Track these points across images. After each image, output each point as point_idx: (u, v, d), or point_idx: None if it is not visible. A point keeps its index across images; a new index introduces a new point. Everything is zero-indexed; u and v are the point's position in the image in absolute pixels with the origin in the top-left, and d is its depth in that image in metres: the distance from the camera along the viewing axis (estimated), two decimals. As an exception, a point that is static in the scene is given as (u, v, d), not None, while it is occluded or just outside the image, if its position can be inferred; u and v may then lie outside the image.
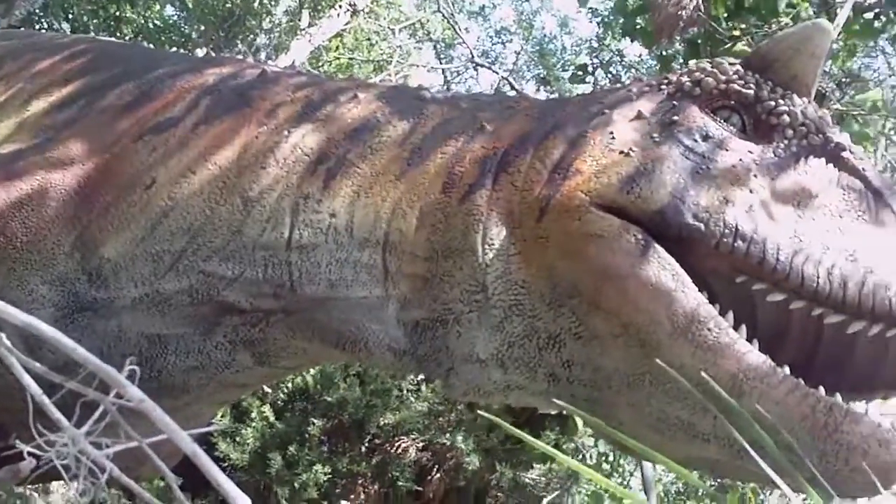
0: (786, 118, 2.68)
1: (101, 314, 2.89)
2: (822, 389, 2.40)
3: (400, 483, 6.98)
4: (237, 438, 6.66)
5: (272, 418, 6.81)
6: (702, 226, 2.48)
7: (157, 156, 2.95)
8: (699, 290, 2.50)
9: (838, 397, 2.40)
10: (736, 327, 2.47)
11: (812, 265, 2.42)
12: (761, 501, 7.60)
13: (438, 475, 7.34)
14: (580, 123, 2.77)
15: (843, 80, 8.99)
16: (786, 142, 2.67)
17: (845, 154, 2.68)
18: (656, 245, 2.49)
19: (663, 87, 2.85)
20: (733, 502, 2.32)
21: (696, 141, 2.63)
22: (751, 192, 2.53)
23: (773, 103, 2.69)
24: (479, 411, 5.62)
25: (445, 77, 16.87)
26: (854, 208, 2.58)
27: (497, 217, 2.67)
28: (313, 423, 6.81)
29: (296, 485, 6.52)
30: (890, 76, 10.22)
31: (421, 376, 3.24)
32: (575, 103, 2.96)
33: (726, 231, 2.46)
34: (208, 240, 2.86)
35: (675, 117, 2.68)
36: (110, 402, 1.48)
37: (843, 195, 2.61)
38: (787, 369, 2.43)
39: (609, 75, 11.12)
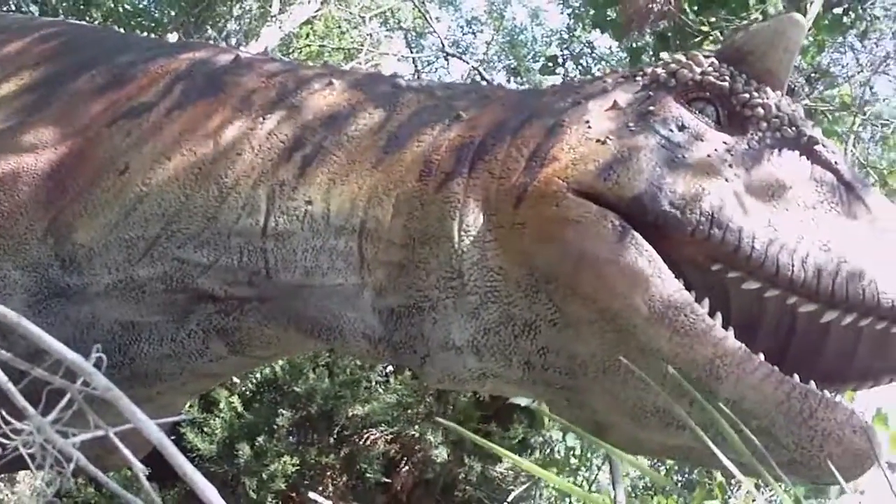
0: (760, 110, 2.70)
1: (74, 300, 2.86)
2: (796, 377, 2.42)
3: (368, 475, 6.97)
4: (205, 429, 6.63)
5: (240, 409, 6.79)
6: (678, 213, 2.49)
7: (131, 141, 2.92)
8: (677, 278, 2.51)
9: (813, 385, 2.42)
10: (711, 314, 2.47)
11: (787, 254, 2.43)
12: (727, 499, 7.64)
13: (407, 467, 7.34)
14: (557, 113, 2.78)
15: (813, 75, 9.05)
16: (760, 134, 2.69)
17: (818, 147, 2.70)
18: (633, 231, 2.50)
19: (639, 78, 2.87)
20: (701, 497, 2.34)
21: (671, 131, 2.65)
22: (726, 181, 2.55)
23: (747, 95, 2.72)
24: (441, 420, 5.59)
25: (416, 66, 16.84)
26: (827, 200, 2.60)
27: (474, 204, 2.67)
28: (282, 414, 6.79)
29: (264, 476, 6.50)
30: (858, 72, 10.29)
31: (390, 367, 3.23)
32: (551, 93, 2.96)
33: (702, 218, 2.48)
34: (183, 226, 2.83)
35: (652, 107, 2.70)
36: (77, 391, 1.46)
37: (816, 187, 2.63)
38: (762, 356, 2.44)
39: (579, 67, 11.16)
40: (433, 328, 2.71)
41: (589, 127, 2.67)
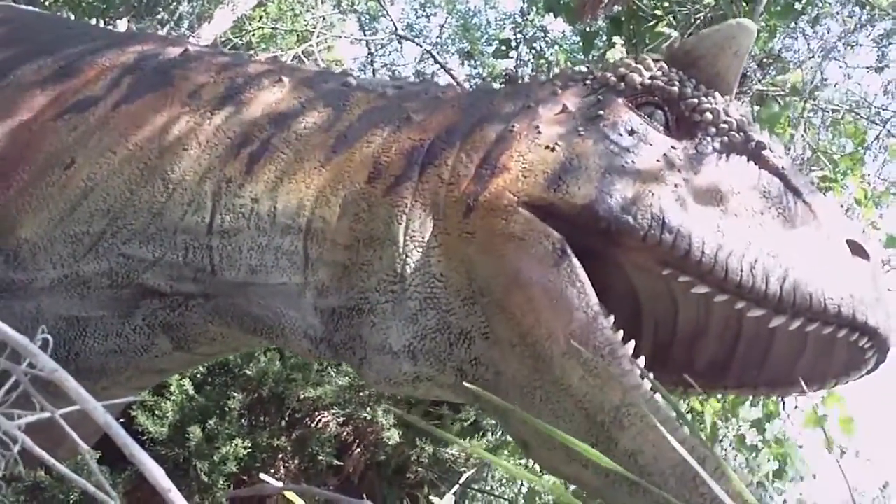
0: (708, 115, 2.73)
1: (18, 295, 2.83)
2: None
3: (320, 457, 6.97)
4: (156, 412, 6.59)
5: (191, 392, 6.75)
6: (630, 218, 2.51)
7: (77, 135, 2.90)
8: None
9: (717, 452, 2.42)
10: (637, 350, 2.48)
11: (736, 259, 2.46)
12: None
13: (359, 450, 7.34)
14: (506, 118, 2.79)
15: (765, 60, 9.11)
16: (708, 139, 2.72)
17: (765, 152, 2.74)
18: (573, 259, 2.51)
19: (588, 81, 2.88)
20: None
21: (620, 135, 2.67)
22: (675, 186, 2.57)
23: (696, 101, 2.74)
24: (391, 406, 5.61)
25: (369, 49, 16.75)
26: (774, 206, 2.64)
27: (421, 209, 2.67)
28: (233, 397, 6.76)
29: (215, 458, 6.47)
30: (810, 58, 10.37)
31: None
32: (501, 96, 2.96)
33: (653, 223, 2.50)
34: (128, 222, 2.81)
35: (601, 112, 2.72)
36: (22, 373, 1.45)
37: (763, 193, 2.66)
38: None
39: (532, 51, 11.15)
40: (371, 331, 2.71)
41: (539, 132, 2.68)
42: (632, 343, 2.51)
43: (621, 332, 2.51)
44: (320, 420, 7.12)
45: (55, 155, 2.88)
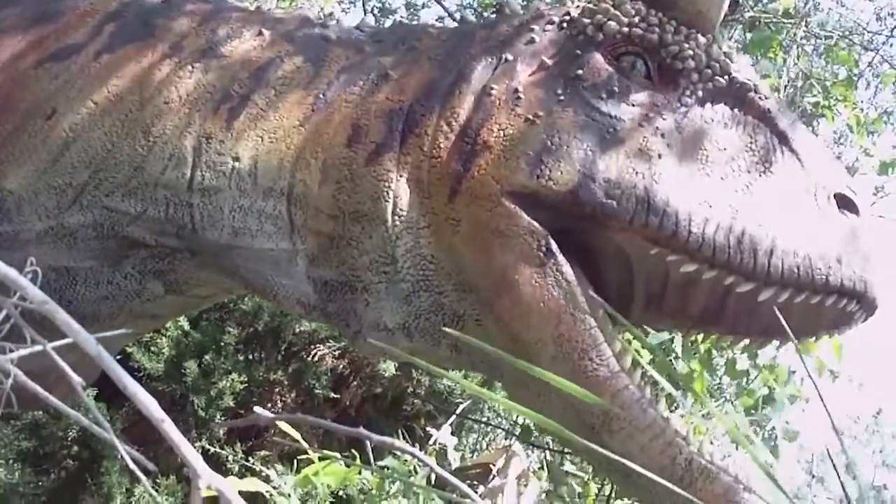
0: (691, 62, 2.68)
1: (5, 247, 2.81)
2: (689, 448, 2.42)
3: (317, 391, 7.00)
4: (152, 348, 6.61)
5: (187, 327, 6.76)
6: (614, 203, 2.49)
7: (58, 84, 2.86)
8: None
9: (705, 449, 2.43)
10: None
11: (723, 234, 2.45)
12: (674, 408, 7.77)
13: (355, 382, 7.37)
14: (484, 73, 2.73)
15: (756, -14, 9.04)
16: (691, 87, 2.67)
17: (751, 95, 2.70)
18: (558, 257, 2.51)
19: (564, 25, 2.81)
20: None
21: (601, 98, 2.62)
22: (659, 157, 2.54)
23: (677, 48, 2.68)
24: (376, 342, 5.66)
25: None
26: (760, 160, 2.60)
27: (406, 184, 2.64)
28: (229, 332, 6.77)
29: (212, 393, 6.50)
30: (802, -17, 10.28)
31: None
32: (478, 42, 2.88)
33: (638, 207, 2.48)
34: (110, 175, 2.79)
35: (580, 71, 2.66)
36: (12, 305, 1.45)
37: (749, 145, 2.63)
38: (662, 407, 2.47)
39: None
40: (366, 309, 2.71)
41: (518, 99, 2.64)
42: (619, 343, 2.52)
43: (610, 326, 2.52)
44: (316, 353, 7.14)
45: (37, 104, 2.85)
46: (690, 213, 2.47)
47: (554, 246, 2.51)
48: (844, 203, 2.59)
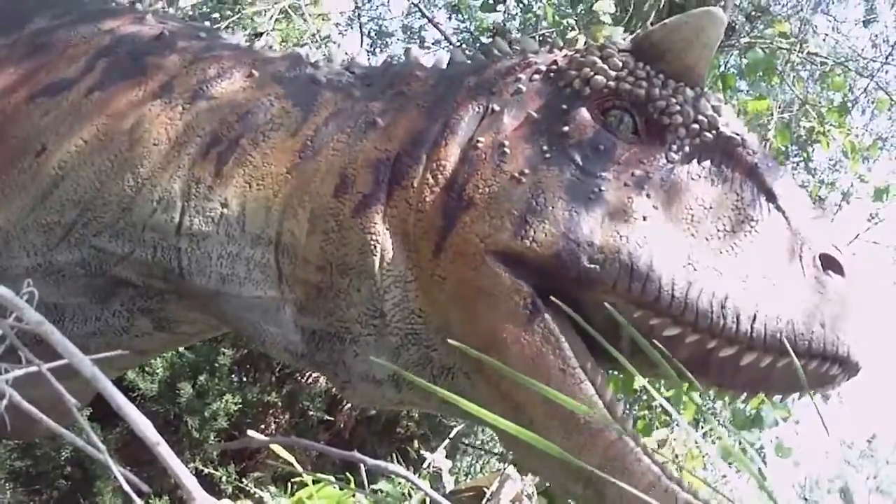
0: (678, 118, 2.65)
1: None
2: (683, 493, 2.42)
3: (311, 412, 7.00)
4: (146, 368, 6.60)
5: (181, 348, 6.76)
6: (598, 268, 2.46)
7: (49, 120, 2.84)
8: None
9: (702, 496, 2.42)
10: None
11: (706, 299, 2.43)
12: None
13: (349, 405, 7.37)
14: (471, 124, 2.71)
15: (753, 13, 9.07)
16: (678, 142, 2.64)
17: (739, 150, 2.67)
18: (545, 315, 2.49)
19: (552, 76, 2.78)
20: (640, 429, 2.41)
21: (587, 157, 2.60)
22: (644, 218, 2.52)
23: (664, 103, 2.65)
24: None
25: (356, 2, 16.63)
26: (746, 218, 2.58)
27: (393, 238, 2.61)
28: (223, 353, 6.78)
29: (206, 414, 6.50)
30: (798, 11, 10.32)
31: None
32: (465, 90, 2.84)
33: (622, 272, 2.46)
34: (98, 214, 2.76)
35: (566, 127, 2.64)
36: (9, 326, 1.45)
37: (736, 201, 2.60)
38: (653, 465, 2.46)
39: (521, 4, 11.06)
40: (354, 360, 2.70)
41: (504, 153, 2.61)
42: (609, 391, 2.51)
43: (600, 377, 2.52)
44: (310, 375, 7.14)
45: (27, 140, 2.82)
46: (674, 277, 2.45)
47: (539, 303, 2.49)
48: (829, 264, 2.56)
